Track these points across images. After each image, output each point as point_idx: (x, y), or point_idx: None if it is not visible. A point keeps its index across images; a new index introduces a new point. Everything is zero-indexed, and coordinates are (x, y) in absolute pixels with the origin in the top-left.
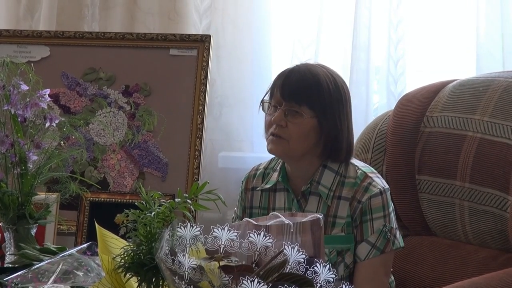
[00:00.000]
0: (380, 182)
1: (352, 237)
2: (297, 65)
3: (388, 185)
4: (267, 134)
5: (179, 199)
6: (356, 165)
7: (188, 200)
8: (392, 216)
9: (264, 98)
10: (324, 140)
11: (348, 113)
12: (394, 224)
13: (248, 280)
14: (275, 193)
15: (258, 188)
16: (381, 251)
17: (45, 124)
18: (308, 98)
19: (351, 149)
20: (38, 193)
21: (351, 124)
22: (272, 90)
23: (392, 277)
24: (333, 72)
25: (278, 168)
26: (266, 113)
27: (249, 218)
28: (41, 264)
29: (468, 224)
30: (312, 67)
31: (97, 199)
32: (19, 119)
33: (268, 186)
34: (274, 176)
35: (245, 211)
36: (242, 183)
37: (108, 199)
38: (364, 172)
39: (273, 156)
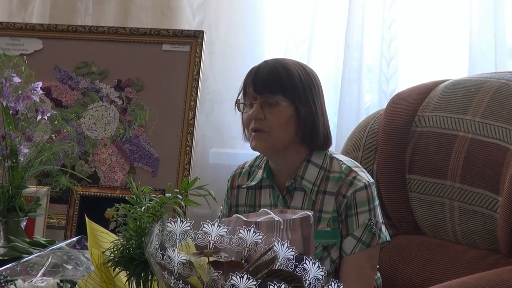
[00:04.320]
0: (365, 176)
1: (338, 232)
2: (264, 61)
3: (378, 184)
4: (248, 132)
5: (170, 194)
6: (340, 160)
7: (178, 196)
8: (378, 210)
9: (238, 98)
10: (302, 126)
11: (321, 99)
12: (380, 218)
13: (237, 276)
14: (260, 190)
15: (244, 186)
16: (367, 245)
17: (36, 117)
18: (281, 86)
19: (328, 135)
20: (29, 186)
21: (325, 110)
22: (245, 88)
23: (378, 274)
24: (301, 63)
25: (263, 165)
26: (242, 113)
27: None
28: (31, 257)
29: (458, 224)
30: (280, 59)
31: (87, 193)
32: (10, 112)
33: (253, 183)
34: (259, 173)
35: (231, 209)
36: (228, 182)
37: (98, 193)
38: (349, 166)
39: (258, 154)
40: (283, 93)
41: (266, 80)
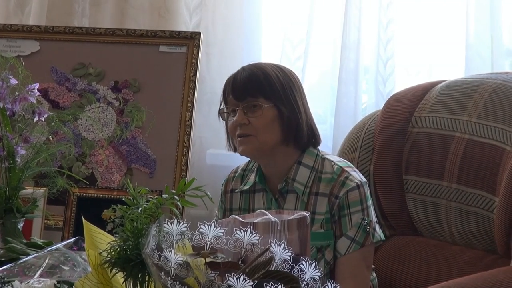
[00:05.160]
0: (357, 176)
1: (332, 233)
2: (241, 67)
3: (375, 185)
4: (235, 140)
5: (167, 195)
6: (332, 161)
7: (175, 197)
8: (371, 209)
9: (221, 108)
10: (286, 126)
11: (303, 98)
12: (373, 217)
13: (234, 277)
14: (254, 194)
15: (237, 190)
16: (361, 245)
17: (33, 119)
18: (261, 89)
19: (314, 133)
20: (26, 187)
21: (308, 109)
22: (225, 97)
23: (374, 274)
24: (279, 64)
25: (255, 169)
26: (226, 121)
27: None
28: (28, 258)
29: (455, 224)
30: (256, 63)
31: (84, 194)
32: (7, 113)
33: (246, 187)
34: (252, 177)
35: (226, 213)
36: (222, 186)
37: (95, 195)
38: (341, 167)
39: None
40: (263, 95)
41: (246, 85)
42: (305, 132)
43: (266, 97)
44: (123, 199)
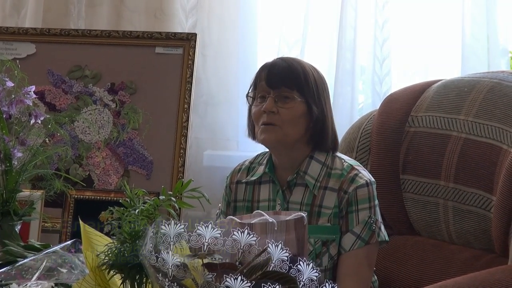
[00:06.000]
0: (366, 174)
1: (338, 228)
2: (279, 58)
3: None
4: (257, 126)
5: (164, 197)
6: (342, 158)
7: (172, 198)
8: (378, 209)
9: (249, 91)
10: (312, 125)
11: (330, 102)
12: (379, 217)
13: (232, 278)
14: (260, 185)
15: (244, 181)
16: (366, 242)
17: (30, 121)
18: (298, 83)
19: (336, 139)
20: (23, 190)
21: (332, 115)
22: (256, 82)
23: (375, 277)
24: (312, 65)
25: (265, 161)
26: (251, 106)
27: (234, 211)
28: (25, 261)
29: (452, 224)
30: (295, 58)
31: (81, 196)
32: (4, 116)
33: (253, 178)
34: (260, 169)
35: (230, 205)
36: (227, 178)
37: (92, 197)
38: (351, 164)
39: (258, 152)
40: (298, 89)
41: (284, 74)
42: (330, 136)
43: (300, 91)
44: (120, 201)
